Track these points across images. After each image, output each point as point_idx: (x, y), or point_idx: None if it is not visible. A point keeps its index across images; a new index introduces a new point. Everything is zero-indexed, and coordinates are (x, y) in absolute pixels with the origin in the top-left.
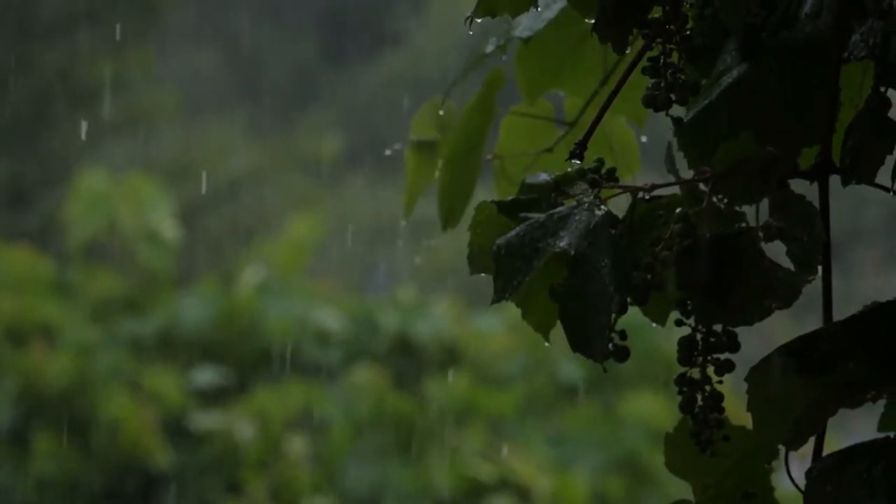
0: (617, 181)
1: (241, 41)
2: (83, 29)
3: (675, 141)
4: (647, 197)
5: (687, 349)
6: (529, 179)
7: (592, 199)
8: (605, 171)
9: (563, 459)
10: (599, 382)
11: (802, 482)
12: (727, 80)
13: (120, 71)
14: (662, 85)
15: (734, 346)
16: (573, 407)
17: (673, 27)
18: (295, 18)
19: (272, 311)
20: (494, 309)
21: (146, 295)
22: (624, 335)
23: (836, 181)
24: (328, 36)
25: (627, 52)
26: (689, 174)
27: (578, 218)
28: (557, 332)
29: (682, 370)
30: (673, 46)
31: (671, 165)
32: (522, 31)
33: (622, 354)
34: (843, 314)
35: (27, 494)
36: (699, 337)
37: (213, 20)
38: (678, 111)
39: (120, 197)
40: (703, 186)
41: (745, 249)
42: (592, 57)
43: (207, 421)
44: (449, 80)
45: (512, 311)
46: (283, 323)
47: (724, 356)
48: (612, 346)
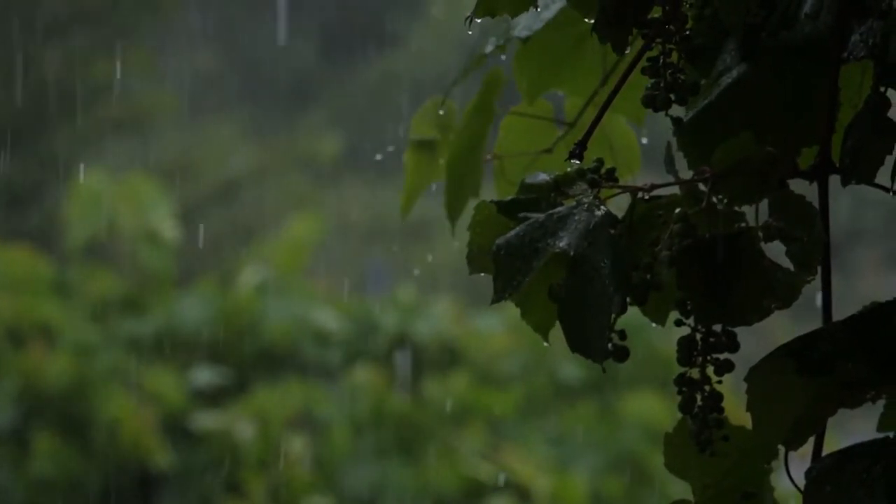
0: (616, 181)
1: (240, 41)
2: (83, 29)
3: (674, 141)
4: (646, 197)
5: (686, 349)
6: (529, 179)
7: (592, 199)
8: (604, 171)
9: (562, 459)
10: (599, 382)
11: (802, 482)
12: (727, 80)
13: (120, 71)
14: (662, 85)
15: (733, 346)
16: (573, 407)
17: (672, 27)
18: (294, 19)
19: (272, 311)
20: (494, 309)
21: (146, 295)
22: (623, 335)
23: (835, 181)
24: (328, 36)
25: (627, 52)
26: (688, 174)
27: (578, 218)
28: (557, 332)
29: (681, 370)
30: (672, 46)
31: (671, 165)
32: (521, 30)
33: (622, 354)
34: (842, 314)
35: (26, 494)
36: (699, 337)
37: (213, 20)
38: (678, 111)
39: (120, 197)
40: (702, 186)
41: (744, 249)
42: (592, 57)
43: (207, 421)
44: (448, 80)
45: (512, 311)
46: (282, 323)
47: (723, 356)
48: (611, 346)
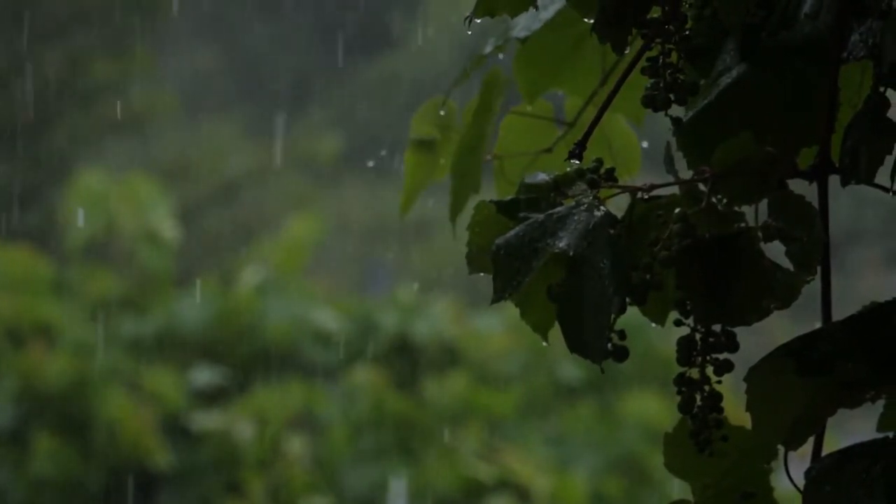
0: (616, 181)
1: (240, 41)
2: (83, 29)
3: (674, 141)
4: (645, 197)
5: (686, 349)
6: (528, 179)
7: (591, 199)
8: (603, 171)
9: (562, 459)
10: (598, 383)
11: (801, 482)
12: (726, 80)
13: (120, 71)
14: (661, 85)
15: (733, 346)
16: (572, 407)
17: (672, 27)
18: (294, 19)
19: (271, 311)
20: (494, 309)
21: (145, 295)
22: (623, 335)
23: (835, 181)
24: (327, 36)
25: (626, 52)
26: (688, 174)
27: (577, 218)
28: (556, 332)
29: (681, 370)
30: (672, 46)
31: (670, 165)
32: (520, 31)
33: (621, 354)
34: (842, 314)
35: (26, 494)
36: (698, 337)
37: (213, 20)
38: (677, 111)
39: (119, 197)
40: (702, 186)
41: (744, 250)
42: (591, 57)
43: (207, 421)
44: (448, 79)
45: (511, 311)
46: (282, 323)
47: (722, 356)
48: (610, 345)
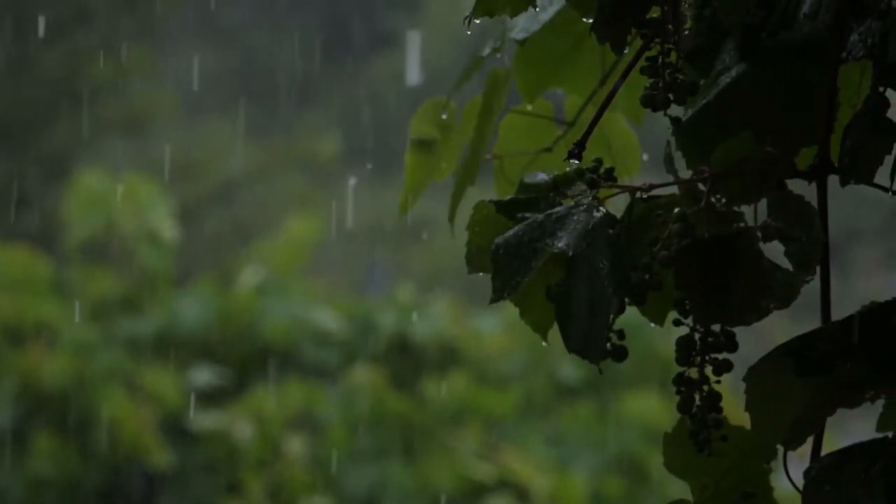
0: (615, 181)
1: (240, 41)
2: (83, 29)
3: (673, 141)
4: (644, 197)
5: (685, 349)
6: (528, 179)
7: (591, 199)
8: (602, 170)
9: (561, 459)
10: (598, 382)
11: (801, 482)
12: (725, 79)
13: (120, 71)
14: (661, 85)
15: (732, 345)
16: (572, 407)
17: (671, 27)
18: (294, 19)
19: (271, 311)
20: (493, 309)
21: (145, 295)
22: (622, 335)
23: (834, 181)
24: (327, 36)
25: (626, 51)
26: (687, 174)
27: (577, 218)
28: (556, 332)
29: (680, 370)
30: (671, 46)
31: (670, 165)
32: (518, 32)
33: (620, 354)
34: (841, 314)
35: (26, 494)
36: (697, 337)
37: (213, 20)
38: (676, 111)
39: (119, 197)
40: (701, 186)
41: (743, 249)
42: (591, 57)
43: (206, 421)
44: (447, 79)
45: (511, 310)
46: (281, 323)
47: (722, 356)
48: (610, 345)
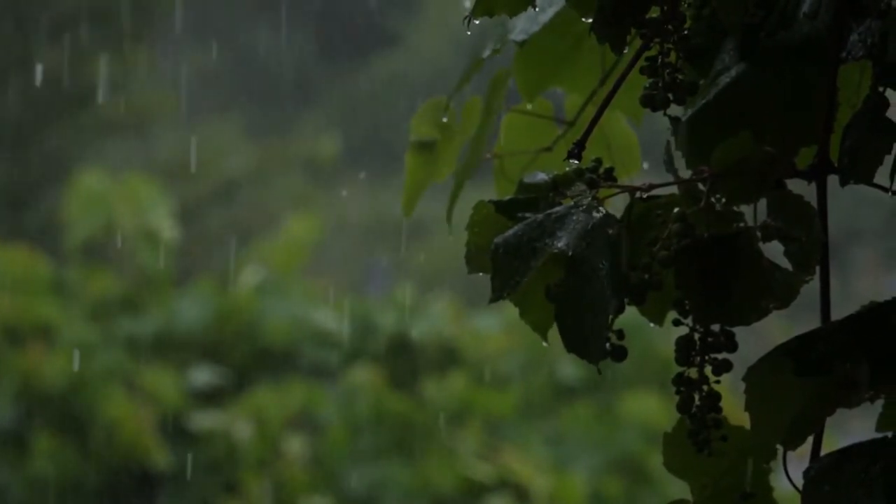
0: (615, 181)
1: (240, 41)
2: (83, 29)
3: (673, 140)
4: (644, 196)
5: (685, 349)
6: (527, 179)
7: (590, 199)
8: (602, 170)
9: (561, 459)
10: (598, 382)
11: (800, 482)
12: (725, 79)
13: (120, 71)
14: (660, 84)
15: (732, 345)
16: (571, 407)
17: (671, 27)
18: (294, 19)
19: (270, 311)
20: (493, 309)
21: (144, 295)
22: (621, 335)
23: (833, 181)
24: (326, 36)
25: (625, 51)
26: (687, 174)
27: (576, 218)
28: (556, 331)
29: (679, 370)
30: (671, 46)
31: (670, 165)
32: (518, 34)
33: (620, 354)
34: (840, 314)
35: (25, 494)
36: (697, 337)
37: (213, 20)
38: (676, 111)
39: (118, 197)
40: (701, 186)
41: (742, 249)
42: (590, 56)
43: (206, 421)
44: (446, 79)
45: (510, 310)
46: (281, 323)
47: (721, 356)
48: (609, 345)
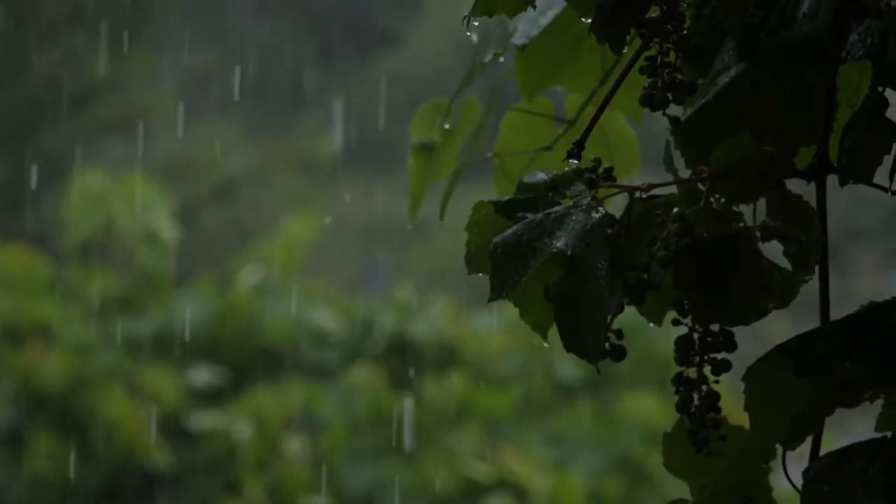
0: (614, 180)
1: (240, 41)
2: (83, 29)
3: (672, 140)
4: (643, 196)
5: (684, 349)
6: (527, 179)
7: (590, 199)
8: (601, 170)
9: (560, 459)
10: (597, 382)
11: (800, 482)
12: (724, 79)
13: (119, 71)
14: (660, 84)
15: (731, 345)
16: (571, 407)
17: (670, 27)
18: (294, 19)
19: (270, 311)
20: (492, 309)
21: (144, 295)
22: (620, 334)
23: (833, 181)
24: (328, 36)
25: (625, 51)
26: (686, 173)
27: (575, 218)
28: (555, 331)
29: (678, 370)
30: (670, 46)
31: (669, 165)
32: (519, 38)
33: (619, 354)
34: (840, 314)
35: (25, 493)
36: (696, 336)
37: (212, 20)
38: (675, 110)
39: (118, 197)
40: (700, 186)
41: (742, 249)
42: (590, 56)
43: (205, 421)
44: (446, 79)
45: (509, 310)
46: (280, 323)
47: (720, 356)
48: (608, 345)
